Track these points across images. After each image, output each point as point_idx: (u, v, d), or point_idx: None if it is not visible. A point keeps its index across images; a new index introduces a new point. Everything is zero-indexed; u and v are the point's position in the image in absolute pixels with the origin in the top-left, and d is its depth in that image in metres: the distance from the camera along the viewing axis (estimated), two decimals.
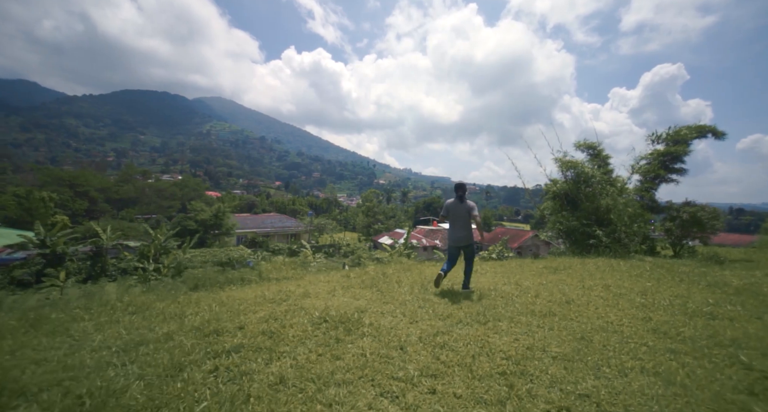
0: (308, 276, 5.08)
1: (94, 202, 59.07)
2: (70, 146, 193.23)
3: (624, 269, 6.22)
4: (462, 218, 4.65)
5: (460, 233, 4.65)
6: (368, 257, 34.10)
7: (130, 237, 30.30)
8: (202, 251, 27.81)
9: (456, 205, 4.67)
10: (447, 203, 4.76)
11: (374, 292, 4.43)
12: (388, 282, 4.86)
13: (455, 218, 4.67)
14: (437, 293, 4.44)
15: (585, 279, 5.05)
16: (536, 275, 5.54)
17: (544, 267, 6.31)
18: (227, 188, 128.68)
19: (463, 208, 4.64)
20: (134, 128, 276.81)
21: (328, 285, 4.84)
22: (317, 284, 4.91)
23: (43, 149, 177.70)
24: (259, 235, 41.90)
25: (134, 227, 31.06)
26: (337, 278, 5.16)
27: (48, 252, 20.79)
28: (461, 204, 4.65)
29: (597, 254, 9.46)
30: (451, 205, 4.71)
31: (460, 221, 4.65)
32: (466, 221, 4.67)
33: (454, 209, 4.67)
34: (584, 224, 10.46)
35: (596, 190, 10.83)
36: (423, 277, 5.21)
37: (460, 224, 4.64)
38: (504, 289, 4.49)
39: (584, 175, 11.04)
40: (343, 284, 4.83)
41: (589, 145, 12.61)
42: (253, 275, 5.63)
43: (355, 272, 5.63)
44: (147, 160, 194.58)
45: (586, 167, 11.15)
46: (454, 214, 4.68)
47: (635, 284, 4.79)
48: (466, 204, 4.64)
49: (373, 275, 5.23)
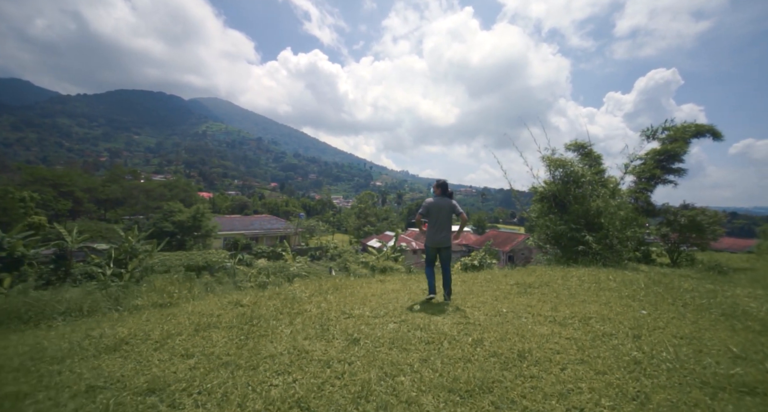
0: (184, 304, 3.82)
1: (78, 203, 57.65)
2: (63, 146, 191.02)
3: (613, 287, 5.12)
4: (444, 218, 4.29)
5: (441, 234, 4.29)
6: (355, 261, 32.99)
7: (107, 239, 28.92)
8: (177, 254, 26.50)
9: (438, 203, 4.30)
10: (428, 202, 4.35)
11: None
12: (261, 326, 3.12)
13: (437, 217, 4.28)
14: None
15: (560, 305, 3.93)
16: (501, 296, 4.41)
17: (516, 284, 5.19)
18: (221, 189, 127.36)
19: (446, 207, 4.29)
20: (129, 128, 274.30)
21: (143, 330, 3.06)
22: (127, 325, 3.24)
23: (34, 149, 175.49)
24: (247, 237, 40.62)
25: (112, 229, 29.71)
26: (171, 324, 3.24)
27: (5, 255, 19.44)
28: (444, 202, 4.31)
29: (586, 262, 8.41)
30: (432, 203, 4.31)
31: (442, 221, 4.28)
32: (448, 221, 4.34)
33: (437, 208, 4.28)
34: (573, 228, 9.45)
35: (586, 192, 9.83)
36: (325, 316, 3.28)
37: (441, 223, 4.28)
38: (442, 324, 3.16)
39: (574, 175, 10.07)
40: (162, 334, 2.98)
41: (580, 145, 11.66)
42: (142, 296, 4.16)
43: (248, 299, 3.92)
44: (141, 160, 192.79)
45: (576, 166, 10.15)
46: (436, 213, 4.28)
47: (626, 313, 3.66)
48: (449, 203, 4.32)
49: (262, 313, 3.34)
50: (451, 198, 4.38)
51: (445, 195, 4.37)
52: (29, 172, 58.05)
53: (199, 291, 4.52)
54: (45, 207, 46.22)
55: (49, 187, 52.61)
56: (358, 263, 31.66)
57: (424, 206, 4.29)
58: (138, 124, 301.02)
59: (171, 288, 4.13)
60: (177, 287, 4.17)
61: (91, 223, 34.26)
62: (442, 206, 4.25)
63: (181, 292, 4.10)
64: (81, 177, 64.57)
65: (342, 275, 7.92)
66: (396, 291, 4.59)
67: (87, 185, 62.24)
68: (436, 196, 4.37)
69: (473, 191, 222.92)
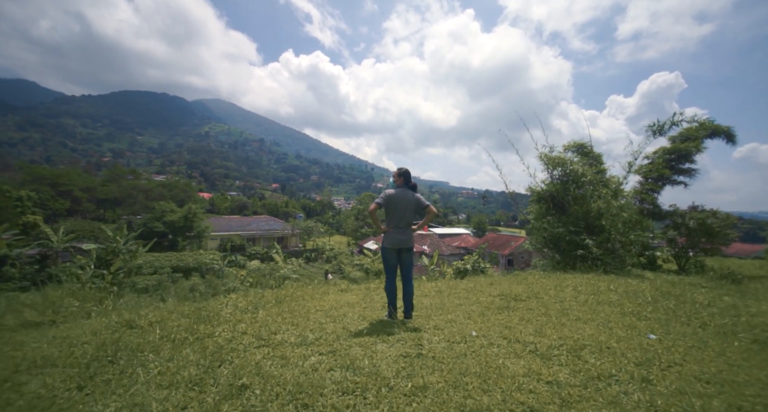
0: (64, 324, 3.03)
1: (77, 202, 57.59)
2: (67, 146, 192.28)
3: (614, 300, 4.36)
4: (409, 213, 3.52)
5: (405, 233, 3.51)
6: (350, 263, 32.21)
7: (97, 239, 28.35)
8: (167, 255, 25.87)
9: (401, 196, 3.52)
10: (388, 193, 3.52)
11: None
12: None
13: (401, 212, 3.49)
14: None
15: (548, 326, 3.17)
16: (477, 312, 3.63)
17: (500, 295, 4.43)
18: (223, 190, 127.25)
19: (411, 200, 3.53)
20: (132, 129, 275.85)
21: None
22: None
23: (39, 149, 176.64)
24: (244, 238, 39.99)
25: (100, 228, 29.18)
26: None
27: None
28: (408, 195, 3.55)
29: (585, 268, 7.66)
30: (394, 195, 3.51)
31: (407, 217, 3.51)
32: (411, 218, 3.56)
33: (400, 201, 3.49)
34: (572, 231, 8.71)
35: (587, 192, 9.09)
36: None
37: (405, 220, 3.51)
38: (381, 358, 2.36)
39: (573, 175, 9.35)
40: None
41: (579, 145, 10.91)
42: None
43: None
44: (144, 160, 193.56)
45: (575, 165, 9.41)
46: (399, 207, 3.48)
47: (630, 338, 2.90)
48: (414, 195, 3.57)
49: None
50: (414, 191, 3.62)
51: (408, 186, 3.62)
52: (28, 172, 58.16)
53: (113, 304, 3.78)
54: (43, 206, 45.99)
55: (47, 187, 52.56)
56: (353, 266, 30.92)
57: (384, 196, 3.49)
58: (141, 124, 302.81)
59: (68, 300, 3.41)
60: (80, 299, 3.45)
61: (83, 222, 33.76)
62: (405, 198, 3.50)
63: (86, 305, 3.37)
64: (80, 177, 64.78)
65: (305, 281, 7.18)
66: (351, 305, 3.85)
67: (86, 185, 62.37)
68: (397, 187, 3.59)
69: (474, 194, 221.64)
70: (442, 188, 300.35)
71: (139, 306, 3.57)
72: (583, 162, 10.21)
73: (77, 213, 53.94)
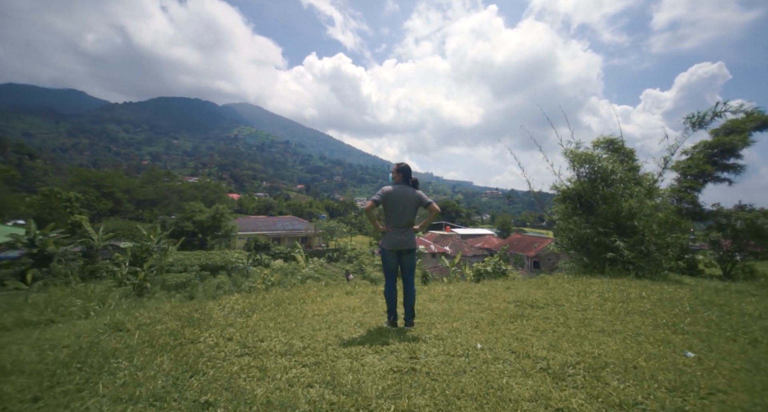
0: (57, 325, 3.00)
1: (118, 203, 61.90)
2: (111, 150, 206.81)
3: (647, 309, 3.92)
4: (410, 212, 3.26)
5: (406, 233, 3.25)
6: (370, 263, 32.17)
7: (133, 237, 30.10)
8: (196, 254, 26.98)
9: (400, 193, 3.26)
10: (386, 189, 3.27)
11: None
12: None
13: (401, 211, 3.24)
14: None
15: (565, 339, 2.82)
16: (487, 320, 3.30)
17: (516, 301, 4.10)
18: (250, 191, 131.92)
19: (411, 197, 3.27)
20: (168, 133, 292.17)
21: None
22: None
23: (86, 153, 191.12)
24: (269, 237, 41.12)
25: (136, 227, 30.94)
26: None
27: (36, 252, 20.49)
28: (408, 192, 3.29)
29: (616, 272, 7.09)
30: (392, 192, 3.25)
31: (407, 216, 3.25)
32: (412, 217, 3.30)
33: (399, 199, 3.24)
34: (600, 232, 8.11)
35: (617, 191, 8.44)
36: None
37: (405, 219, 3.25)
38: (368, 372, 2.16)
39: (602, 172, 8.72)
40: None
41: (609, 140, 10.18)
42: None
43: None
44: (179, 163, 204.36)
45: (605, 161, 8.78)
46: (399, 205, 3.23)
47: (662, 355, 2.51)
48: (415, 193, 3.31)
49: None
50: (416, 188, 3.35)
51: (407, 183, 3.36)
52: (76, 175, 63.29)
53: (114, 304, 3.83)
54: (88, 207, 49.63)
55: (92, 188, 56.84)
56: (374, 266, 30.85)
57: (381, 194, 3.23)
58: (176, 129, 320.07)
59: (71, 299, 3.48)
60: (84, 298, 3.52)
61: (122, 222, 35.98)
62: (405, 196, 3.24)
63: (88, 304, 3.43)
64: (121, 179, 69.74)
65: (311, 283, 7.08)
66: (351, 309, 3.69)
67: (126, 187, 66.99)
68: (396, 184, 3.34)
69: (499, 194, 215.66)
70: (466, 188, 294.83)
71: (140, 306, 3.60)
72: (613, 159, 9.51)
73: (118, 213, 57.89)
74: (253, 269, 23.76)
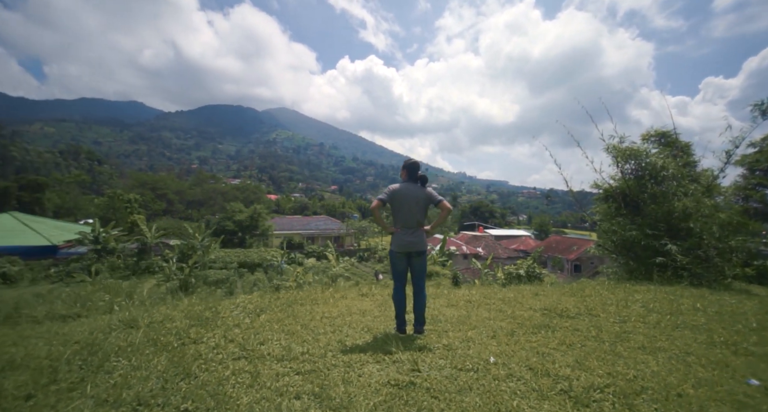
0: (78, 319, 3.18)
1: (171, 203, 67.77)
2: (165, 155, 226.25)
3: (701, 323, 3.43)
4: (418, 211, 3.04)
5: (415, 234, 3.04)
6: None
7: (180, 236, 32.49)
8: (236, 251, 28.51)
9: (408, 191, 3.04)
10: (392, 187, 3.07)
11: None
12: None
13: (408, 210, 3.02)
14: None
15: (594, 354, 2.45)
16: (506, 330, 3.04)
17: (543, 309, 3.76)
18: (287, 192, 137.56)
19: (420, 196, 3.05)
20: (214, 138, 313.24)
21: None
22: None
23: (145, 158, 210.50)
24: (304, 236, 42.55)
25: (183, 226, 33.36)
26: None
27: (99, 248, 22.80)
28: (416, 190, 3.06)
29: (665, 279, 6.37)
30: (398, 190, 3.04)
31: (415, 216, 3.03)
32: (422, 216, 3.07)
33: (407, 197, 3.02)
34: (648, 234, 7.35)
35: (669, 189, 7.59)
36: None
37: (413, 219, 3.03)
38: (363, 385, 2.02)
39: (651, 168, 7.91)
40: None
41: (661, 133, 9.19)
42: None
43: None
44: (223, 166, 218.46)
45: (654, 156, 7.96)
46: (405, 204, 3.02)
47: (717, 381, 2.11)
48: (425, 191, 3.07)
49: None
50: (423, 185, 3.11)
51: (414, 180, 3.12)
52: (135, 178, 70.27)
53: (141, 300, 4.04)
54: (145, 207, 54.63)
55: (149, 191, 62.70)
56: None
57: (388, 192, 3.02)
58: (221, 134, 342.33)
59: (99, 295, 3.72)
60: (112, 294, 3.75)
61: (172, 221, 38.97)
62: (414, 194, 3.02)
63: (116, 299, 3.65)
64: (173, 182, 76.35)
65: (327, 284, 7.07)
66: (363, 313, 3.57)
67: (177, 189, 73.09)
68: (403, 182, 3.12)
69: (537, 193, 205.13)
70: (501, 188, 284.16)
71: (161, 302, 3.77)
72: (665, 153, 8.56)
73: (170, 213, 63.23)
74: (286, 267, 24.62)
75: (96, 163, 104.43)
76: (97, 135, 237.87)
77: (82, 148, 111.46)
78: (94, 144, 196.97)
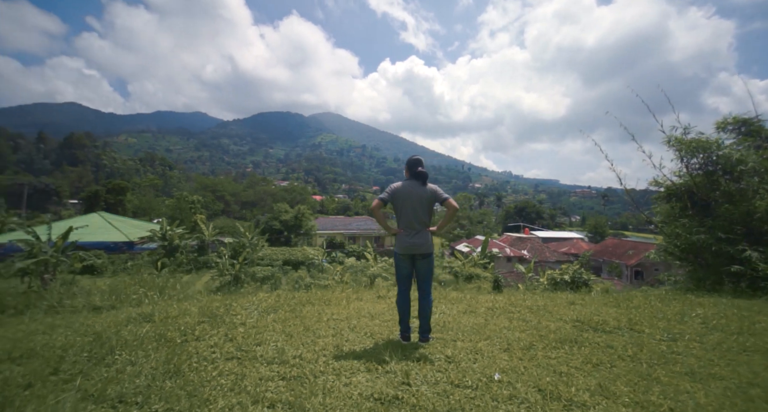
0: (109, 311, 3.38)
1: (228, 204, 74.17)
2: (224, 160, 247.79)
3: None
4: (422, 211, 2.87)
5: (418, 235, 2.86)
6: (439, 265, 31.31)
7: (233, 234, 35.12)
8: (282, 250, 30.13)
9: (410, 189, 2.88)
10: (393, 186, 2.94)
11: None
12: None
13: (411, 210, 2.86)
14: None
15: (626, 378, 2.11)
16: (524, 343, 2.74)
17: (575, 321, 3.36)
18: (331, 193, 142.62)
19: (424, 194, 2.87)
20: (266, 144, 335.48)
21: None
22: None
23: (207, 163, 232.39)
24: (345, 236, 43.75)
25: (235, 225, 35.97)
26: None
27: (166, 245, 25.53)
28: (418, 189, 2.88)
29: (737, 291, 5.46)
30: (400, 189, 2.89)
31: (419, 215, 2.86)
32: (426, 216, 2.90)
33: (410, 196, 2.86)
34: (721, 238, 6.37)
35: (749, 186, 6.51)
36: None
37: (417, 219, 2.86)
38: (346, 396, 1.92)
39: (724, 162, 6.86)
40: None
41: (741, 121, 7.89)
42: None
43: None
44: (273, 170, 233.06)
45: (728, 148, 6.88)
46: (408, 203, 2.86)
47: None
48: (429, 189, 2.89)
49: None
50: (425, 182, 2.91)
51: (417, 178, 2.93)
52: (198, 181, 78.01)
53: (172, 293, 4.35)
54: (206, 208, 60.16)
55: (209, 193, 69.20)
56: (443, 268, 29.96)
57: (389, 191, 2.89)
58: (272, 139, 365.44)
59: (134, 288, 4.05)
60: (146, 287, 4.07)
61: (227, 220, 42.31)
62: (416, 193, 2.85)
63: (149, 293, 3.96)
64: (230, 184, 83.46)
65: (366, 284, 7.05)
66: (372, 316, 3.48)
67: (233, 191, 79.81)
68: (406, 180, 2.98)
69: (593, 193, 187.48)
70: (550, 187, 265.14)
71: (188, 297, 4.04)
72: (744, 144, 7.29)
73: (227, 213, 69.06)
74: (327, 266, 25.45)
75: (168, 168, 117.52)
76: (169, 143, 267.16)
77: (156, 155, 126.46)
78: (166, 151, 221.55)
